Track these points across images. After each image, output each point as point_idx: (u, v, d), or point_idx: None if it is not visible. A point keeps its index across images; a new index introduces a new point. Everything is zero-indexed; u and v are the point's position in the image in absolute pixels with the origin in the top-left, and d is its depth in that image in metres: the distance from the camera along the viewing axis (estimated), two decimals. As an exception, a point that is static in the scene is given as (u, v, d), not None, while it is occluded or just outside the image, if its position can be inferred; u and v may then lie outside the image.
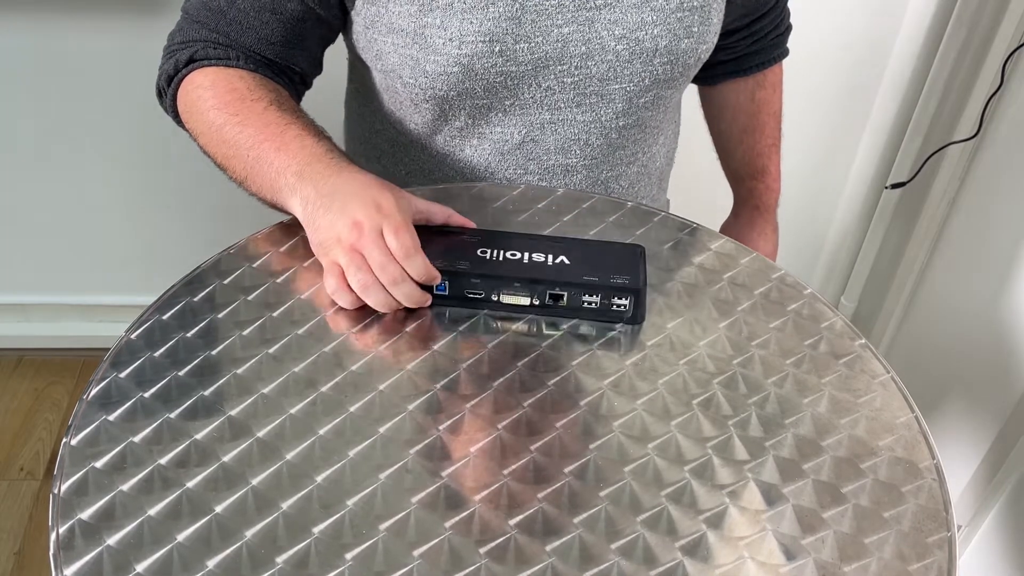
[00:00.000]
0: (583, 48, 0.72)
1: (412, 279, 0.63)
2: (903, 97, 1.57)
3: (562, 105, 0.76)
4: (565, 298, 0.64)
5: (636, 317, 0.65)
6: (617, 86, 0.75)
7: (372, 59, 0.76)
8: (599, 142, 0.79)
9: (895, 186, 1.60)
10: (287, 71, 0.77)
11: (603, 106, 0.77)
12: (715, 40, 0.78)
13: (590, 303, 0.65)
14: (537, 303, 0.65)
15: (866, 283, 1.78)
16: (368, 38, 0.74)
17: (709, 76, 0.94)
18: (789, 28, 0.96)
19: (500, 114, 0.76)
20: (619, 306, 0.65)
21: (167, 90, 0.75)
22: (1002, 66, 1.33)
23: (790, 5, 0.96)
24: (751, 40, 0.92)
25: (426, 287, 0.64)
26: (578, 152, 0.79)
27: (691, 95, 0.97)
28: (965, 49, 1.44)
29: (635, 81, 0.75)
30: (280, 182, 0.67)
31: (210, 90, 0.72)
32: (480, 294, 0.64)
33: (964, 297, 1.45)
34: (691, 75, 0.79)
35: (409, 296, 0.63)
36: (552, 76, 0.74)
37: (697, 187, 1.09)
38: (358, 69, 0.83)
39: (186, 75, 0.74)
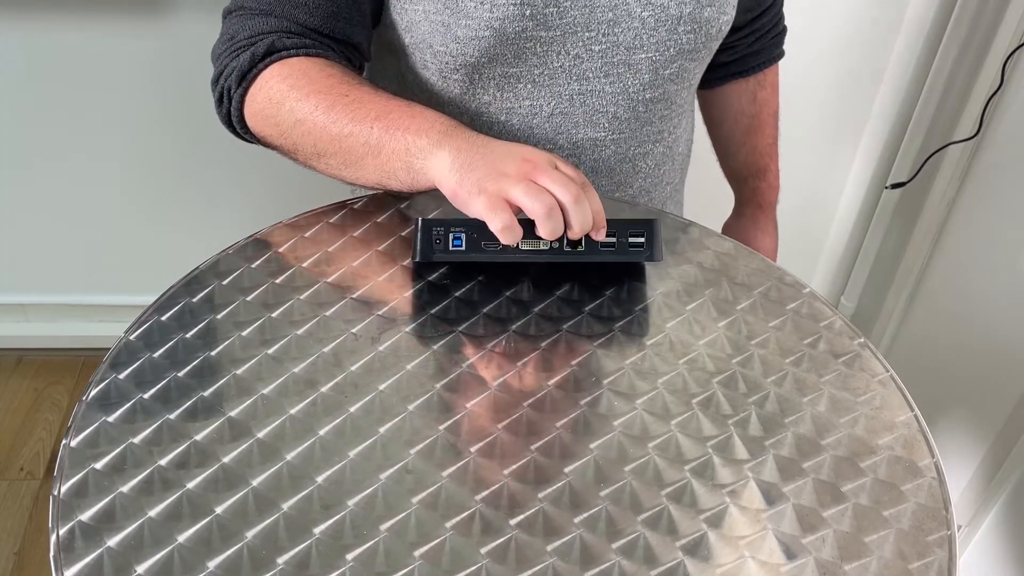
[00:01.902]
0: (610, 15, 0.74)
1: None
2: (903, 97, 1.57)
3: (590, 75, 0.77)
4: (583, 241, 0.64)
5: (654, 254, 0.65)
6: (643, 55, 0.76)
7: (402, 32, 0.76)
8: (626, 115, 0.80)
9: (895, 186, 1.60)
10: (355, 50, 0.76)
11: (630, 76, 0.78)
12: (733, 13, 0.79)
13: (607, 243, 0.64)
14: (556, 246, 0.63)
15: (866, 283, 1.78)
16: (400, 9, 0.74)
17: (713, 78, 0.96)
18: (785, 29, 0.98)
19: (529, 85, 0.77)
20: (635, 244, 0.64)
21: (235, 90, 0.72)
22: (1002, 66, 1.33)
23: (792, 6, 0.97)
24: (752, 39, 0.94)
25: (442, 244, 0.63)
26: (606, 125, 0.80)
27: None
28: (965, 49, 1.44)
29: (660, 50, 0.77)
30: (421, 142, 0.65)
31: (303, 78, 0.70)
32: (497, 245, 0.63)
33: (964, 297, 1.45)
34: (712, 48, 0.80)
35: (585, 219, 0.61)
36: (580, 43, 0.74)
37: (707, 187, 1.09)
38: (380, 53, 0.83)
39: (264, 68, 0.71)
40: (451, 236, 0.64)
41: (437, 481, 0.53)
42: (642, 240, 0.64)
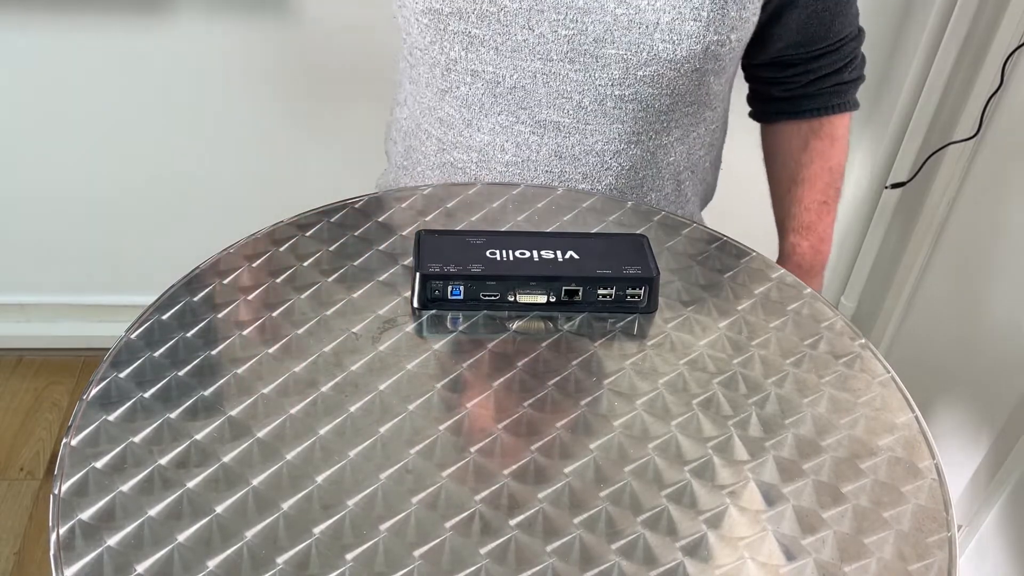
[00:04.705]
0: (581, 3, 0.74)
1: None
2: (903, 97, 1.57)
3: (554, 57, 0.77)
4: (580, 293, 0.65)
5: (650, 306, 0.66)
6: (614, 51, 0.76)
7: None
8: (593, 107, 0.79)
9: (895, 186, 1.60)
10: None
11: (598, 69, 0.77)
12: (733, 37, 0.77)
13: (605, 296, 0.65)
14: (553, 300, 0.65)
15: (866, 283, 1.78)
16: None
17: (763, 112, 0.93)
18: (858, 80, 0.90)
19: (492, 51, 0.77)
20: (633, 296, 0.65)
21: None
22: (1002, 66, 1.33)
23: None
24: (808, 79, 0.88)
25: (440, 295, 0.64)
26: (571, 112, 0.80)
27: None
28: (965, 49, 1.44)
29: (633, 51, 0.76)
30: None
31: None
32: (495, 296, 0.64)
33: (964, 297, 1.45)
34: (702, 67, 0.78)
35: None
36: (546, 23, 0.75)
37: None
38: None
39: None
40: (449, 288, 0.64)
41: (437, 481, 0.53)
42: (640, 293, 0.65)
